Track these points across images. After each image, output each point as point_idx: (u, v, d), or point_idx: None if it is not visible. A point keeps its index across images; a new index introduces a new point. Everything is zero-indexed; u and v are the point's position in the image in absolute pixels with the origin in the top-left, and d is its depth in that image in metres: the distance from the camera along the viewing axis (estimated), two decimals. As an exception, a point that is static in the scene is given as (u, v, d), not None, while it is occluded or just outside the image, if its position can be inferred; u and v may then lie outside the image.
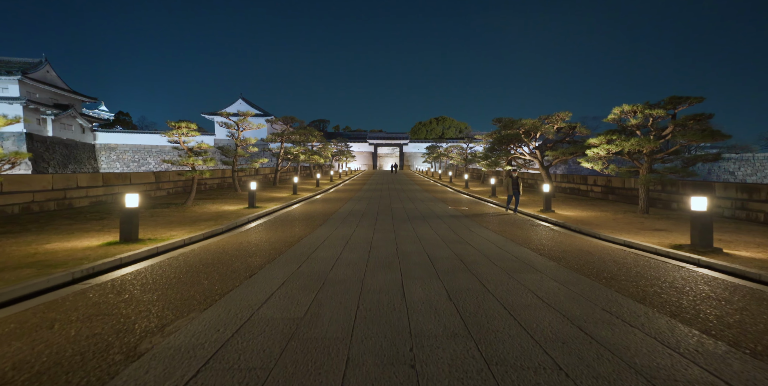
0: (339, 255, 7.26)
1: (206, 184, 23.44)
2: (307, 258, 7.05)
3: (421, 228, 10.72)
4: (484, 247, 8.12)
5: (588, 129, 20.69)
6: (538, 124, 20.56)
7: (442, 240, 9.03)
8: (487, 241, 8.85)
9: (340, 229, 10.50)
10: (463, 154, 39.85)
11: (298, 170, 32.55)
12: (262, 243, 8.41)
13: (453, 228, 10.76)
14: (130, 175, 17.50)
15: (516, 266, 6.50)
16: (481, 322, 4.04)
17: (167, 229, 9.81)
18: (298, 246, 8.18)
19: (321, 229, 10.48)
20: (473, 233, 10.03)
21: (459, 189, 26.82)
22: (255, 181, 15.46)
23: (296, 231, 10.06)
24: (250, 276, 5.75)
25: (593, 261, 6.90)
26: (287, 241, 8.69)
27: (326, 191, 24.99)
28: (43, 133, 45.66)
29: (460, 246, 8.19)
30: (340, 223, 11.65)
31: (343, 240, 8.84)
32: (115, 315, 4.14)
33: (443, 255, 7.37)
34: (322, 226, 11.01)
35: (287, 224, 11.42)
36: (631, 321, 4.08)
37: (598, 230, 10.19)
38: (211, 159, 15.84)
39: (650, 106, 13.56)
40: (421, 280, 5.62)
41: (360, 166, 76.95)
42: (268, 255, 7.18)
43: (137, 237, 8.15)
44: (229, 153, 20.73)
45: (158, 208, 14.10)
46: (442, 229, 10.61)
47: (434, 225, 11.44)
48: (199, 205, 15.20)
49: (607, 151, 14.01)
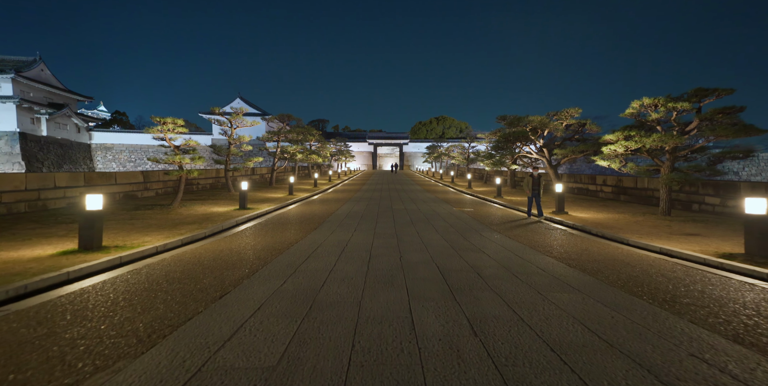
0: (333, 267, 6.08)
1: (198, 184, 22.26)
2: (295, 270, 5.87)
3: (426, 233, 9.54)
4: (502, 256, 6.95)
5: (599, 126, 19.53)
6: (546, 121, 19.39)
7: (451, 247, 7.85)
8: (503, 249, 7.67)
9: (336, 234, 9.33)
10: (465, 154, 38.67)
11: (295, 170, 31.37)
12: (246, 251, 7.23)
13: (462, 233, 9.59)
14: (115, 174, 16.32)
15: (546, 282, 5.32)
16: (525, 376, 2.86)
17: (142, 234, 8.64)
18: (287, 254, 7.00)
19: (315, 234, 9.30)
20: (485, 238, 8.85)
21: (462, 189, 25.66)
22: (249, 181, 14.30)
23: (287, 236, 8.89)
24: (220, 297, 4.57)
25: (637, 275, 5.73)
26: (275, 248, 7.52)
27: (324, 191, 23.82)
28: (37, 132, 44.43)
29: (474, 256, 7.01)
30: (337, 227, 10.48)
31: (338, 248, 7.67)
32: (8, 366, 2.96)
33: (456, 266, 6.20)
34: (317, 230, 9.84)
35: (278, 228, 10.25)
36: (748, 379, 2.86)
37: (624, 234, 9.02)
38: (199, 157, 14.67)
39: (673, 98, 12.39)
40: (434, 303, 4.44)
41: (359, 166, 75.76)
42: (249, 267, 6.01)
43: (100, 245, 6.97)
44: (221, 151, 19.54)
45: (141, 210, 12.92)
46: (450, 234, 9.44)
47: (440, 228, 10.26)
48: (187, 207, 14.02)
49: (626, 148, 12.84)
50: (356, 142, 73.35)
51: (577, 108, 19.21)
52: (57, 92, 47.29)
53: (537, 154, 20.57)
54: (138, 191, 17.27)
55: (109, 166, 52.71)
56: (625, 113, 13.61)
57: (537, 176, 12.58)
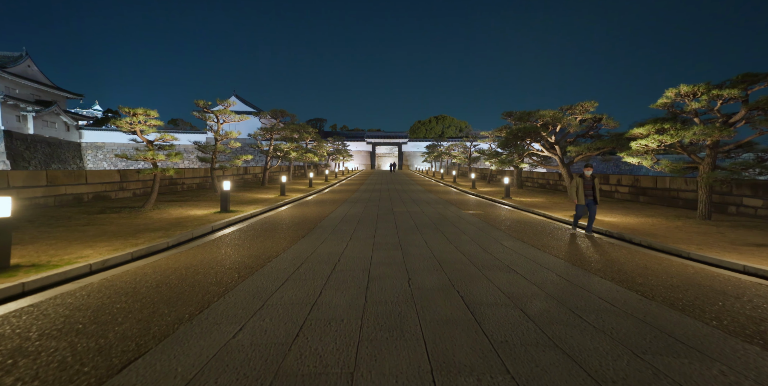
0: (316, 299, 4.34)
1: (184, 184, 20.47)
2: (262, 305, 4.13)
3: (436, 242, 7.81)
4: (542, 279, 5.21)
5: (616, 121, 17.83)
6: (559, 116, 17.68)
7: (471, 262, 6.12)
8: (538, 266, 5.94)
9: (328, 244, 7.58)
10: (467, 153, 36.93)
11: (290, 169, 29.59)
12: (207, 271, 5.48)
13: (478, 242, 7.86)
14: (86, 172, 14.52)
15: (633, 331, 3.56)
16: None
17: (86, 246, 6.87)
18: (259, 275, 5.26)
19: (302, 243, 7.56)
20: (509, 250, 7.12)
21: (465, 189, 23.94)
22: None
23: (267, 247, 7.14)
24: (119, 371, 2.82)
25: (757, 315, 4.00)
26: (247, 265, 5.78)
27: (320, 192, 22.07)
28: (23, 130, 42.47)
29: (505, 278, 5.27)
30: (330, 234, 8.74)
31: (328, 264, 5.93)
32: None
33: (487, 297, 4.46)
34: (306, 238, 8.10)
35: (260, 235, 8.50)
36: None
37: (677, 245, 7.31)
38: (177, 154, 12.91)
39: (716, 85, 10.70)
40: (475, 379, 2.71)
41: (358, 165, 73.99)
42: (199, 300, 4.26)
43: (7, 264, 5.20)
44: (206, 149, 17.77)
45: (106, 213, 11.14)
46: (465, 243, 7.71)
47: (452, 236, 8.53)
48: (161, 209, 12.25)
49: (659, 143, 11.14)
50: (354, 142, 71.57)
51: (592, 101, 17.51)
52: (45, 89, 45.35)
53: (548, 151, 18.86)
54: (112, 192, 15.47)
55: (99, 165, 50.74)
56: (656, 104, 11.90)
57: (590, 177, 9.19)
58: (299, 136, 30.26)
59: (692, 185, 14.87)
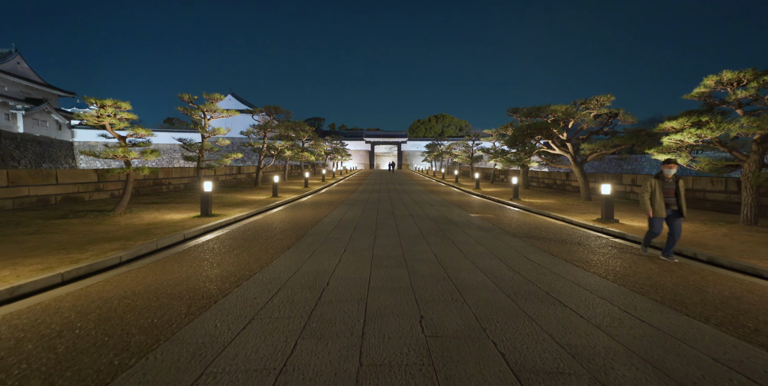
0: (285, 362, 2.86)
1: (170, 185, 18.99)
2: (196, 379, 2.66)
3: (448, 256, 6.34)
4: (607, 317, 3.74)
5: (634, 116, 16.37)
6: (572, 111, 16.25)
7: (499, 288, 4.66)
8: (588, 292, 4.48)
9: (316, 258, 6.11)
10: (469, 152, 35.48)
11: (285, 169, 28.11)
12: (143, 306, 4.01)
13: (499, 255, 6.39)
14: (57, 172, 13.03)
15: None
16: None
17: (10, 263, 5.39)
18: (214, 313, 3.79)
19: (285, 258, 6.09)
20: (539, 267, 5.66)
21: (469, 189, 22.48)
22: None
23: (241, 264, 5.66)
24: None
25: None
26: (203, 295, 4.31)
27: (316, 192, 20.61)
28: (13, 129, 40.90)
29: (553, 314, 3.80)
30: (321, 244, 7.27)
31: (312, 292, 4.46)
32: None
33: (542, 356, 2.97)
34: (291, 250, 6.63)
35: (237, 246, 7.02)
36: None
37: (748, 260, 5.86)
38: (152, 151, 11.43)
39: (766, 71, 9.26)
40: None
41: (356, 165, 72.49)
42: (96, 372, 2.79)
43: None
44: (192, 146, 16.28)
45: (67, 218, 9.66)
46: (484, 258, 6.24)
47: (465, 247, 7.07)
48: (133, 213, 10.77)
49: (697, 138, 9.70)
50: (353, 141, 70.08)
51: (609, 95, 16.06)
52: (35, 87, 43.79)
53: (560, 149, 17.43)
54: (86, 193, 13.98)
55: (92, 165, 49.16)
56: (691, 94, 10.45)
57: (672, 179, 6.24)
58: (295, 134, 28.79)
59: (719, 185, 13.44)
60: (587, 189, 16.69)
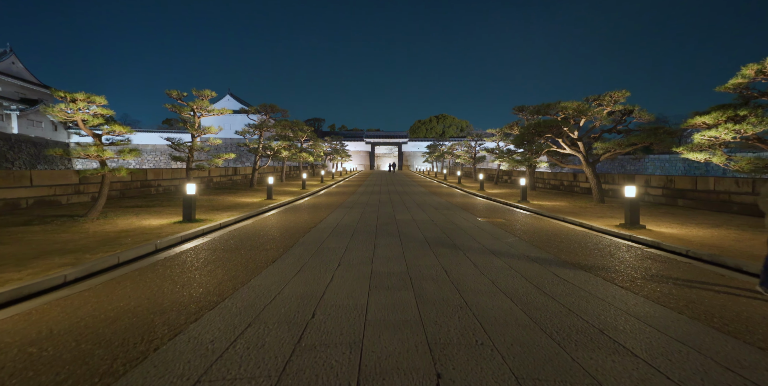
0: None
1: (159, 186, 17.89)
2: None
3: (462, 273, 5.22)
4: (695, 378, 2.65)
5: (650, 113, 15.26)
6: (584, 108, 15.14)
7: (535, 322, 3.55)
8: (661, 334, 3.37)
9: (304, 276, 5.01)
10: (471, 152, 34.35)
11: (283, 170, 27.03)
12: (44, 363, 2.90)
13: (524, 272, 5.28)
14: (32, 173, 11.94)
15: None
16: None
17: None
18: (134, 377, 2.69)
19: (267, 275, 4.98)
20: (580, 290, 4.55)
21: (473, 191, 21.38)
22: (195, 184, 9.98)
23: (211, 284, 4.55)
24: None
25: None
26: (144, 339, 3.20)
27: (313, 194, 19.52)
28: (7, 129, 39.87)
29: (625, 372, 2.69)
30: (312, 256, 6.17)
31: (291, 329, 3.35)
32: None
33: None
34: (275, 266, 5.52)
35: (214, 259, 5.91)
36: None
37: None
38: (132, 150, 10.35)
39: (815, 59, 8.15)
40: None
41: (356, 166, 71.39)
42: None
43: None
44: (180, 146, 15.19)
45: (31, 224, 8.57)
46: (506, 276, 5.13)
47: (480, 260, 5.96)
48: (108, 218, 9.69)
49: (736, 134, 8.60)
50: (353, 141, 68.99)
51: (624, 91, 14.96)
52: (30, 87, 42.77)
53: (570, 148, 16.32)
54: (64, 196, 12.89)
55: (89, 166, 48.10)
56: (725, 86, 9.33)
57: None
58: (293, 134, 27.73)
59: (746, 187, 12.37)
60: (600, 190, 15.59)
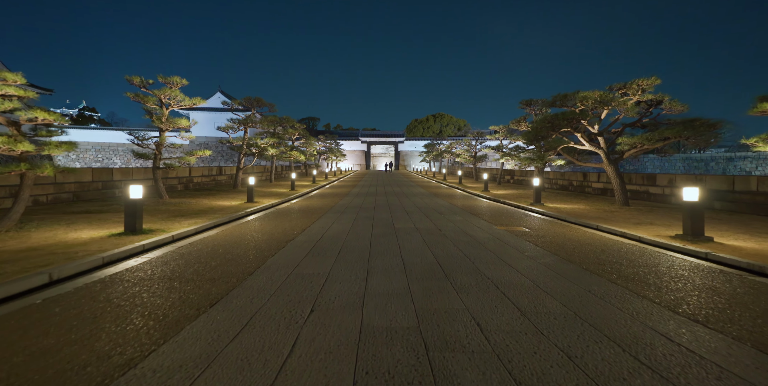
0: None
1: (127, 188, 15.63)
2: None
3: (508, 329, 3.08)
4: None
5: (683, 104, 13.23)
6: (608, 98, 13.10)
7: None
8: None
9: (243, 345, 2.84)
10: (472, 151, 32.28)
11: (272, 170, 24.81)
12: None
13: (595, 323, 3.17)
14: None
15: None
16: None
17: None
18: None
19: (179, 344, 2.81)
20: (699, 360, 2.45)
21: (477, 192, 19.28)
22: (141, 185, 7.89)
23: (121, 344, 2.39)
24: None
25: None
26: None
27: (302, 196, 17.39)
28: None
29: None
30: (273, 294, 4.01)
31: None
32: None
33: None
34: (217, 308, 3.36)
35: (114, 308, 3.74)
36: None
37: None
38: (64, 143, 8.18)
39: None
40: None
41: (352, 165, 69.14)
42: None
43: None
44: (144, 141, 12.98)
45: None
46: (579, 332, 3.01)
47: (523, 299, 3.84)
48: (23, 230, 7.51)
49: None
50: (348, 141, 66.78)
51: (654, 77, 12.93)
52: (9, 83, 40.15)
53: (590, 144, 14.30)
54: (-2, 200, 10.66)
55: (72, 166, 45.58)
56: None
57: None
58: (283, 130, 25.53)
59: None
60: (624, 192, 13.57)
